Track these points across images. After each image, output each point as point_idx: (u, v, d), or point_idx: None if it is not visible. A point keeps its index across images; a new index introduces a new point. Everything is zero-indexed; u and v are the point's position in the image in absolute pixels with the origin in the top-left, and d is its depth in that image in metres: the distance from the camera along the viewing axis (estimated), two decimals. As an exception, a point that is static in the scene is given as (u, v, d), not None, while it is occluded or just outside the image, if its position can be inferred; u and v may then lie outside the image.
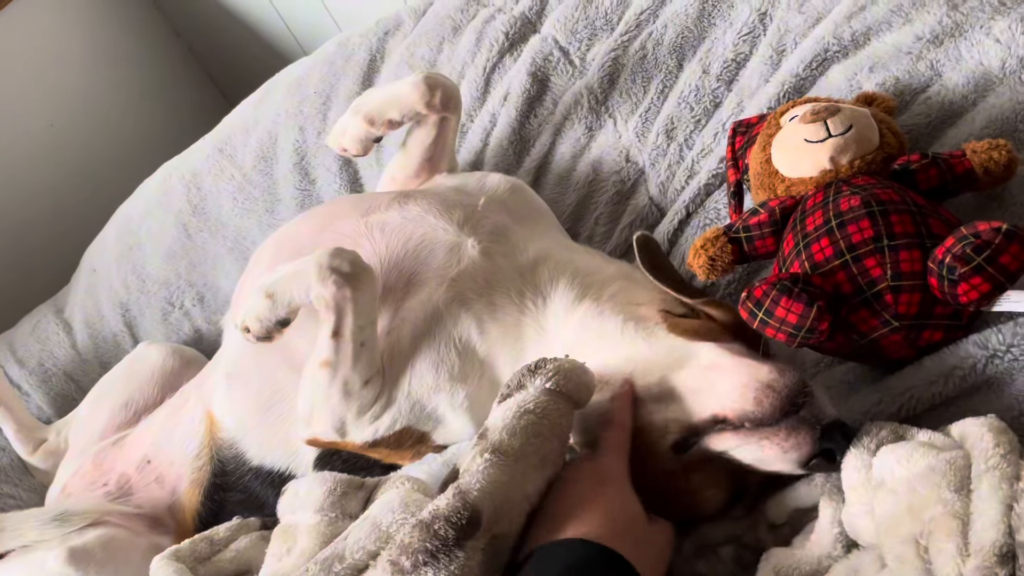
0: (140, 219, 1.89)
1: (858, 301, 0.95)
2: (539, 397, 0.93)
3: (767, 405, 0.89)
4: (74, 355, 1.87)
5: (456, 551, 0.81)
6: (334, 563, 0.90)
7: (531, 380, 0.95)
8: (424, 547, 0.81)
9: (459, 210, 1.29)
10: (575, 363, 0.99)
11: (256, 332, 1.20)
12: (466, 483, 0.85)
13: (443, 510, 0.83)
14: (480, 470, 0.86)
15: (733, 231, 1.10)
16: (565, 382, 0.95)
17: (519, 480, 0.88)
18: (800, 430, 0.89)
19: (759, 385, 0.90)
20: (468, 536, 0.82)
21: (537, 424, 0.91)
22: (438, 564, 0.81)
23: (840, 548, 0.87)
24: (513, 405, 0.92)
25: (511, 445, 0.88)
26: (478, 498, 0.84)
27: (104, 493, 1.53)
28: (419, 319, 1.20)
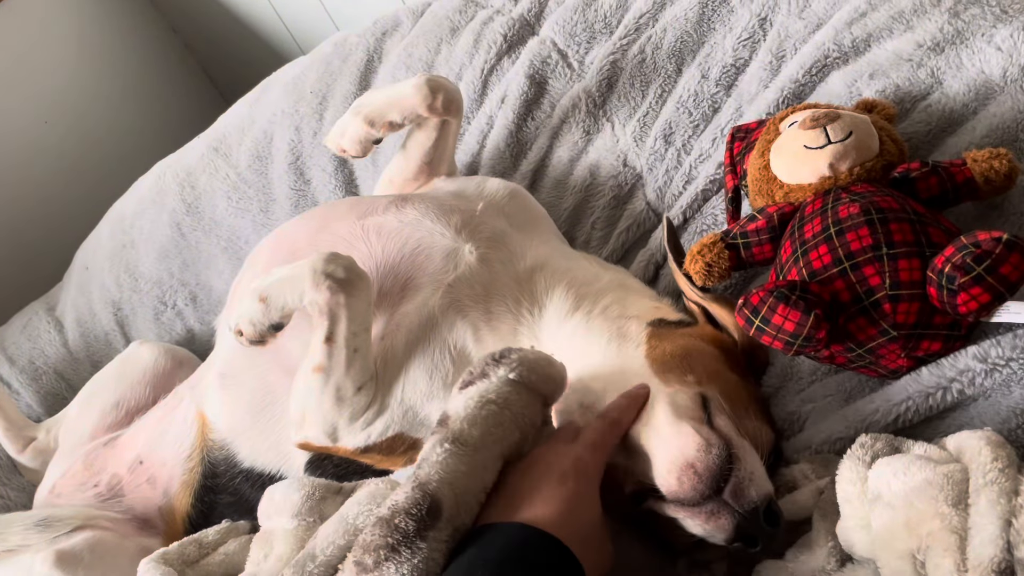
0: (133, 217, 1.87)
1: (856, 310, 0.94)
2: (501, 388, 0.92)
3: (688, 488, 0.88)
4: (65, 353, 1.86)
5: (418, 543, 0.80)
6: (307, 563, 0.90)
7: (495, 370, 0.94)
8: (385, 542, 0.80)
9: (457, 215, 1.28)
10: (540, 354, 0.97)
11: (249, 335, 1.20)
12: (424, 474, 0.84)
13: (402, 503, 0.82)
14: (439, 460, 0.85)
15: (731, 237, 1.09)
16: (529, 373, 0.94)
17: (478, 471, 0.87)
18: (720, 514, 0.89)
19: (683, 464, 0.89)
20: (429, 527, 0.81)
21: (499, 415, 0.90)
22: (400, 558, 0.79)
23: (834, 562, 0.86)
24: (475, 394, 0.91)
25: (471, 435, 0.87)
26: (437, 488, 0.83)
27: (95, 494, 1.52)
28: (414, 325, 1.19)
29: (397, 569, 0.79)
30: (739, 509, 0.88)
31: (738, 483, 0.89)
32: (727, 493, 0.89)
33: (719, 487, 0.89)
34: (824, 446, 1.01)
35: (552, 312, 1.19)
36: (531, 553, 0.79)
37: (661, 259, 1.35)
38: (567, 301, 1.19)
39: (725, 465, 0.89)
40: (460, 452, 0.86)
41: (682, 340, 1.10)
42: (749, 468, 0.91)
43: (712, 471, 0.89)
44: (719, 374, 1.06)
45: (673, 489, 0.90)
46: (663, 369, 1.04)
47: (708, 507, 0.89)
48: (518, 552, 0.79)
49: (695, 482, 0.88)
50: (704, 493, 0.89)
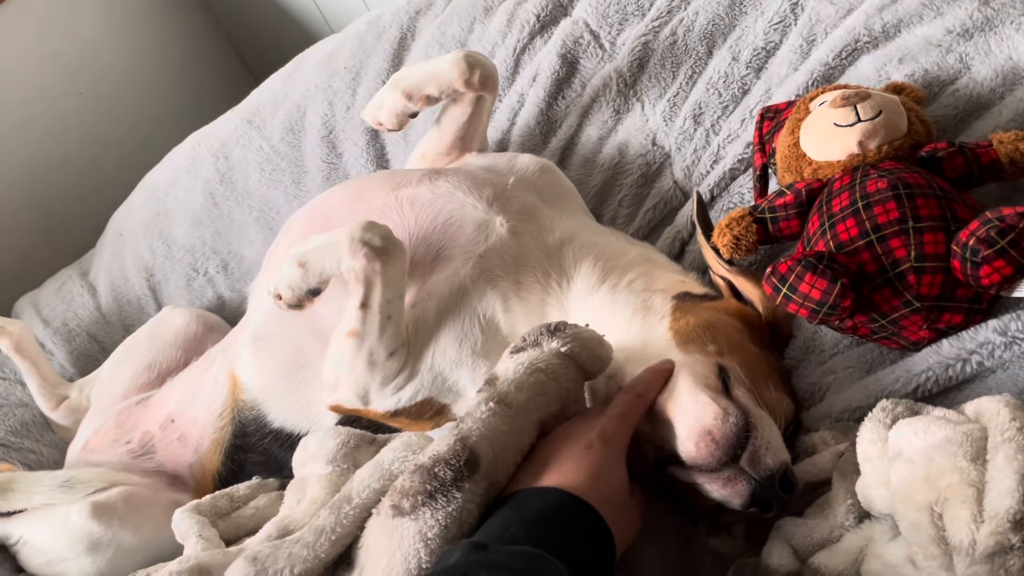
0: (168, 186, 1.91)
1: (881, 281, 0.97)
2: (551, 359, 0.96)
3: (705, 454, 0.92)
4: (98, 316, 1.90)
5: (454, 492, 0.84)
6: (343, 505, 0.93)
7: (548, 340, 0.98)
8: (423, 488, 0.84)
9: (489, 188, 1.31)
10: (594, 334, 1.01)
11: (287, 300, 1.23)
12: (467, 427, 0.88)
13: (442, 453, 0.86)
14: (483, 417, 0.89)
15: (759, 211, 1.12)
16: (580, 350, 0.98)
17: (518, 433, 0.91)
18: (736, 480, 0.92)
19: (701, 431, 0.92)
20: (466, 478, 0.85)
21: (545, 384, 0.94)
22: (435, 504, 0.83)
23: (852, 519, 0.90)
24: (526, 360, 0.95)
25: (516, 399, 0.91)
26: (477, 442, 0.87)
27: (127, 451, 1.57)
28: (445, 294, 1.22)
29: (432, 515, 0.83)
30: (755, 476, 0.92)
31: (754, 451, 0.92)
32: (744, 460, 0.92)
33: (736, 454, 0.92)
34: (844, 415, 1.04)
35: (579, 284, 1.22)
36: (564, 515, 0.83)
37: (687, 236, 1.38)
38: (594, 274, 1.22)
39: (742, 433, 0.93)
40: (503, 413, 0.89)
41: (706, 313, 1.13)
42: (766, 437, 0.94)
43: (729, 439, 0.92)
44: (741, 346, 1.09)
45: (692, 455, 0.93)
46: (685, 340, 1.07)
47: (725, 473, 0.93)
48: (552, 513, 0.83)
49: (712, 448, 0.92)
50: (721, 459, 0.92)
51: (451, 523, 0.83)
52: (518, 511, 0.84)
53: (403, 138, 1.71)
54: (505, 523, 0.82)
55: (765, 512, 0.94)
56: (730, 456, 0.92)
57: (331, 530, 0.93)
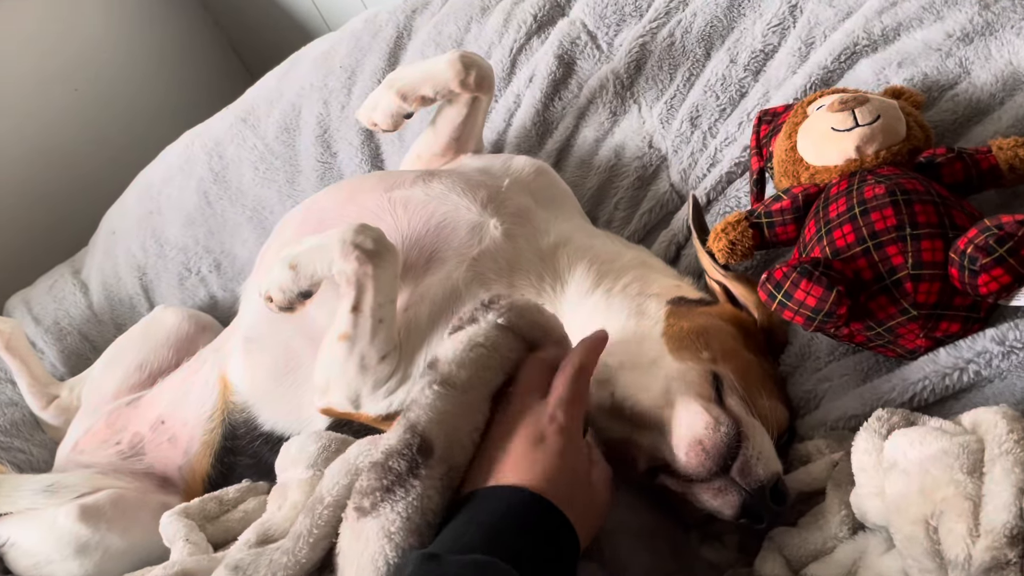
0: (161, 184, 1.90)
1: (877, 288, 0.95)
2: (490, 331, 0.93)
3: (696, 463, 0.91)
4: (90, 315, 1.89)
5: (411, 481, 0.82)
6: (315, 505, 0.92)
7: (484, 314, 0.95)
8: (380, 484, 0.82)
9: (483, 190, 1.30)
10: (529, 302, 0.99)
11: (278, 302, 1.22)
12: (414, 415, 0.86)
13: (393, 445, 0.84)
14: (428, 402, 0.86)
15: (755, 216, 1.11)
16: (517, 319, 0.95)
17: (466, 411, 0.88)
18: (727, 491, 0.92)
19: (692, 440, 0.92)
20: (420, 465, 0.83)
21: (487, 357, 0.91)
22: (394, 497, 0.81)
23: (846, 530, 0.88)
24: (464, 337, 0.92)
25: (459, 376, 0.88)
26: (426, 428, 0.85)
27: (116, 452, 1.56)
28: (438, 297, 1.21)
29: (393, 508, 0.81)
30: (746, 487, 0.91)
31: (745, 461, 0.92)
32: (735, 471, 0.92)
33: (727, 464, 0.92)
34: (839, 423, 1.02)
35: (573, 288, 1.21)
36: (520, 515, 0.80)
37: (683, 240, 1.37)
38: (588, 278, 1.21)
39: (733, 443, 0.92)
40: (448, 393, 0.87)
41: (700, 318, 1.12)
42: (757, 447, 0.93)
43: (719, 449, 0.91)
44: (735, 352, 1.08)
45: (682, 464, 0.93)
46: (679, 346, 1.06)
47: (716, 483, 0.92)
48: (508, 514, 0.80)
49: (703, 459, 0.91)
50: (712, 470, 0.91)
51: (412, 513, 0.81)
52: (474, 514, 0.82)
53: (398, 138, 1.70)
54: (460, 530, 0.80)
55: (756, 523, 0.93)
56: (720, 466, 0.91)
57: (308, 533, 0.91)
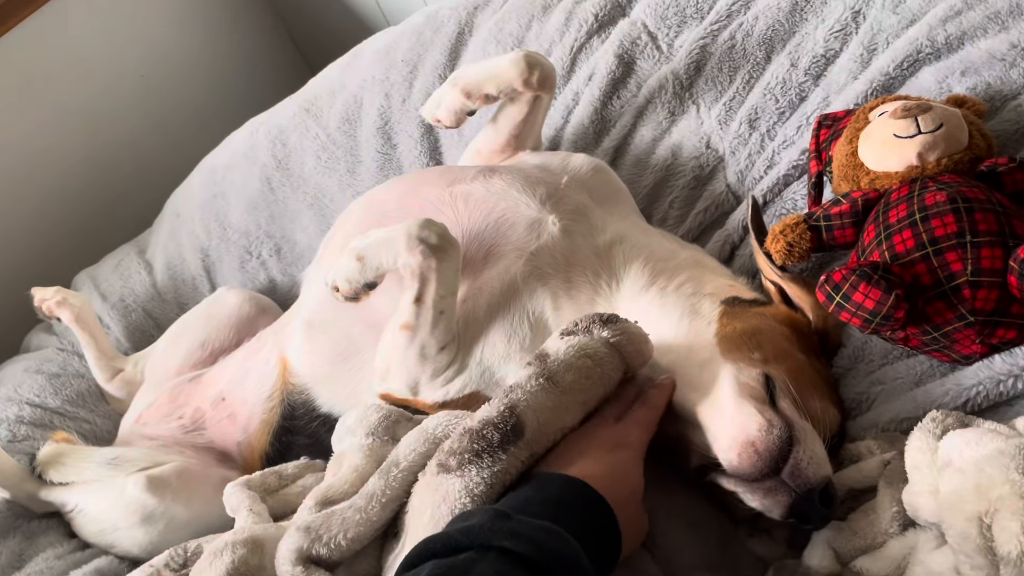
0: (225, 170, 1.95)
1: (935, 293, 0.97)
2: (600, 347, 1.00)
3: (747, 465, 0.94)
4: (154, 293, 1.95)
5: (500, 453, 0.89)
6: (391, 468, 0.98)
7: (599, 329, 1.02)
8: (471, 447, 0.90)
9: (542, 187, 1.33)
10: (640, 330, 1.05)
11: (344, 292, 1.27)
12: (516, 396, 0.93)
13: (491, 416, 0.92)
14: (531, 390, 0.94)
15: (813, 219, 1.13)
16: (627, 343, 1.02)
17: (561, 411, 0.95)
18: (777, 492, 0.94)
19: (744, 441, 0.94)
20: (511, 442, 0.90)
21: (591, 369, 0.98)
22: (481, 463, 0.89)
23: (897, 526, 0.91)
24: (576, 344, 0.99)
25: (564, 378, 0.96)
26: (524, 411, 0.92)
27: (179, 425, 1.61)
28: (496, 290, 1.25)
29: (478, 472, 0.88)
30: (796, 489, 0.94)
31: (796, 464, 0.94)
32: (785, 473, 0.94)
33: (778, 466, 0.94)
34: (891, 425, 1.04)
35: (629, 285, 1.23)
36: (581, 504, 0.86)
37: (737, 240, 1.39)
38: (643, 276, 1.23)
39: (785, 446, 0.94)
40: (550, 389, 0.94)
41: (754, 319, 1.14)
42: (809, 451, 0.95)
43: (772, 451, 0.94)
44: (787, 354, 1.09)
45: (733, 465, 0.95)
46: (731, 347, 1.08)
47: (767, 484, 0.95)
48: (571, 500, 0.86)
49: (754, 460, 0.94)
50: (763, 471, 0.94)
51: (496, 483, 0.88)
52: (540, 491, 0.87)
53: (457, 133, 1.72)
54: (527, 500, 0.86)
55: (803, 524, 0.96)
56: (772, 468, 0.94)
57: (381, 493, 0.97)
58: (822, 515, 0.94)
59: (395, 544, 1.00)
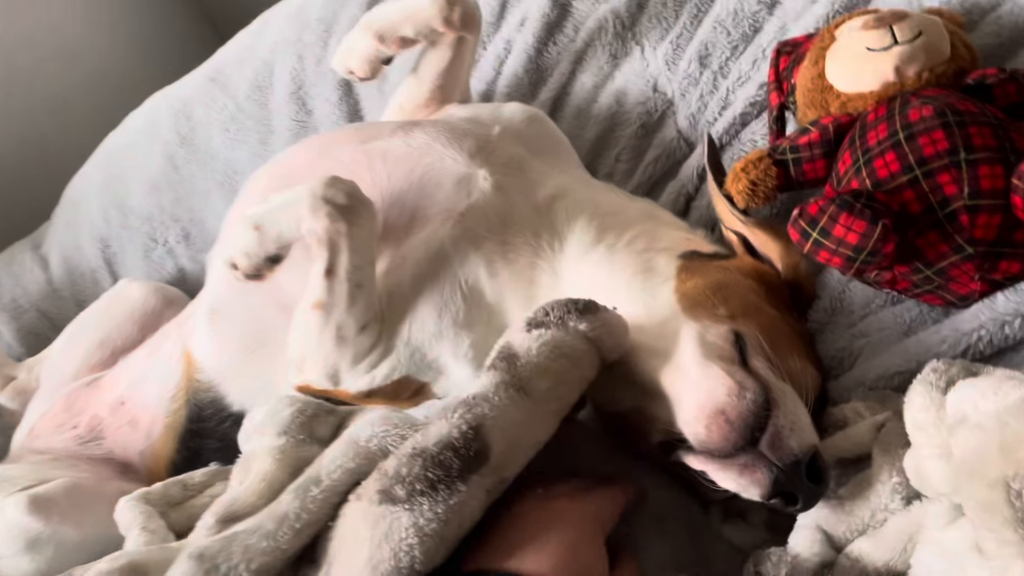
0: (124, 149, 1.78)
1: (927, 223, 0.83)
2: (578, 344, 0.84)
3: (718, 437, 0.79)
4: (49, 291, 1.77)
5: (459, 484, 0.73)
6: (309, 487, 0.81)
7: (576, 321, 0.85)
8: (424, 475, 0.73)
9: (470, 139, 1.18)
10: (622, 321, 0.90)
11: (244, 269, 1.11)
12: (481, 412, 0.77)
13: (450, 437, 0.75)
14: (500, 405, 0.77)
15: (779, 152, 0.98)
16: (608, 337, 0.86)
17: (534, 425, 0.80)
18: (755, 468, 0.79)
19: (712, 410, 0.79)
20: (473, 470, 0.74)
21: (569, 372, 0.82)
22: (436, 496, 0.73)
23: (898, 500, 0.76)
24: (550, 341, 0.83)
25: (538, 387, 0.80)
26: (491, 432, 0.76)
27: (74, 436, 1.45)
28: (422, 258, 1.09)
29: (431, 507, 0.72)
30: (777, 462, 0.78)
31: (776, 433, 0.78)
32: (763, 444, 0.78)
33: (754, 437, 0.79)
34: (880, 382, 0.90)
35: (573, 244, 1.09)
36: None
37: (693, 191, 1.24)
38: (589, 233, 1.09)
39: (761, 412, 0.79)
40: (522, 402, 0.78)
41: (716, 273, 1.00)
42: (790, 416, 0.80)
43: (745, 419, 0.78)
44: (757, 308, 0.95)
45: (701, 438, 0.80)
46: (693, 304, 0.94)
47: (741, 460, 0.79)
48: None
49: (726, 431, 0.78)
50: (736, 443, 0.79)
51: (451, 518, 0.73)
52: None
53: (379, 93, 1.57)
54: None
55: (789, 505, 0.80)
56: (747, 439, 0.78)
57: (295, 517, 0.80)
58: (811, 492, 0.78)
59: (312, 572, 0.83)
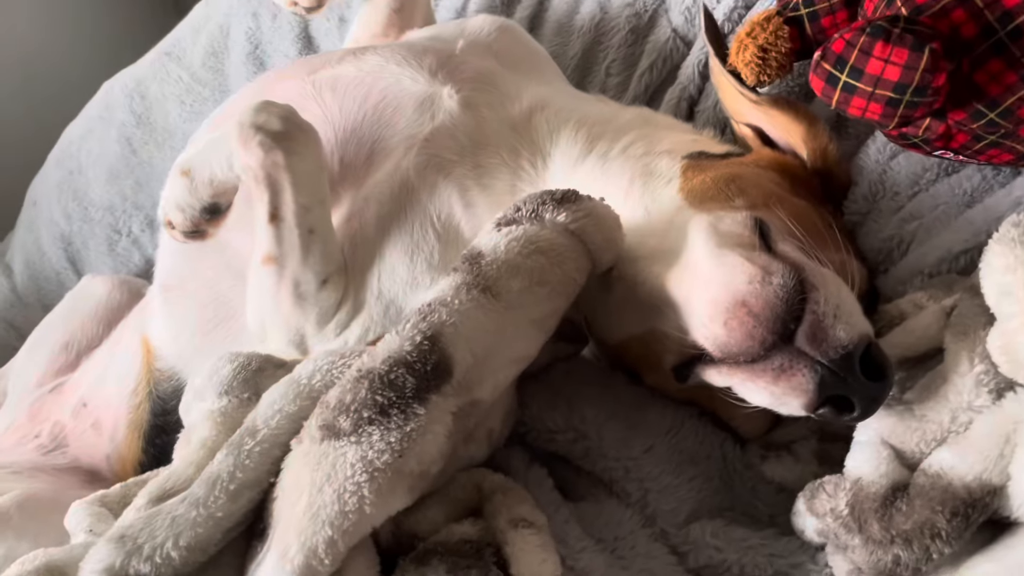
0: (80, 140, 1.64)
1: (986, 48, 0.65)
2: (557, 238, 0.70)
3: (740, 335, 0.63)
4: (14, 299, 1.64)
5: (415, 407, 0.62)
6: (244, 440, 0.68)
7: (552, 212, 0.71)
8: (372, 399, 0.61)
9: (431, 56, 1.01)
10: (610, 211, 0.75)
11: (181, 225, 0.97)
12: (438, 319, 0.64)
13: (401, 351, 0.63)
14: (460, 308, 0.65)
15: (790, 8, 0.81)
16: (594, 229, 0.72)
17: (510, 334, 0.68)
18: (794, 370, 0.62)
19: (731, 302, 0.64)
20: (432, 388, 0.62)
21: (547, 271, 0.69)
22: (388, 422, 0.61)
23: (985, 394, 0.58)
24: (522, 236, 0.69)
25: (508, 287, 0.67)
26: (451, 341, 0.64)
27: (36, 446, 1.31)
28: (385, 196, 0.94)
29: (384, 436, 0.61)
30: (821, 358, 0.61)
31: (816, 321, 0.61)
32: (801, 338, 0.61)
33: (788, 330, 0.61)
34: (941, 266, 0.73)
35: (559, 159, 0.93)
36: None
37: (695, 92, 1.08)
38: (577, 144, 0.92)
39: (794, 298, 0.62)
40: (489, 305, 0.66)
41: (729, 168, 0.84)
42: (832, 300, 0.62)
43: (774, 307, 0.62)
44: (780, 197, 0.79)
45: (721, 340, 0.64)
46: (704, 198, 0.78)
47: (776, 362, 0.62)
48: None
49: (750, 326, 0.62)
50: (765, 340, 0.62)
51: (409, 449, 0.61)
52: None
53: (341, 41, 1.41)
54: None
55: (843, 413, 0.62)
56: (779, 333, 0.61)
57: (229, 476, 0.67)
58: (869, 393, 0.60)
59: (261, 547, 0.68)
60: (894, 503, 0.57)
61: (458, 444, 0.72)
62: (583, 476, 0.79)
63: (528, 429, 0.81)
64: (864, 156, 0.85)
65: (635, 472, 0.76)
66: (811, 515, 0.64)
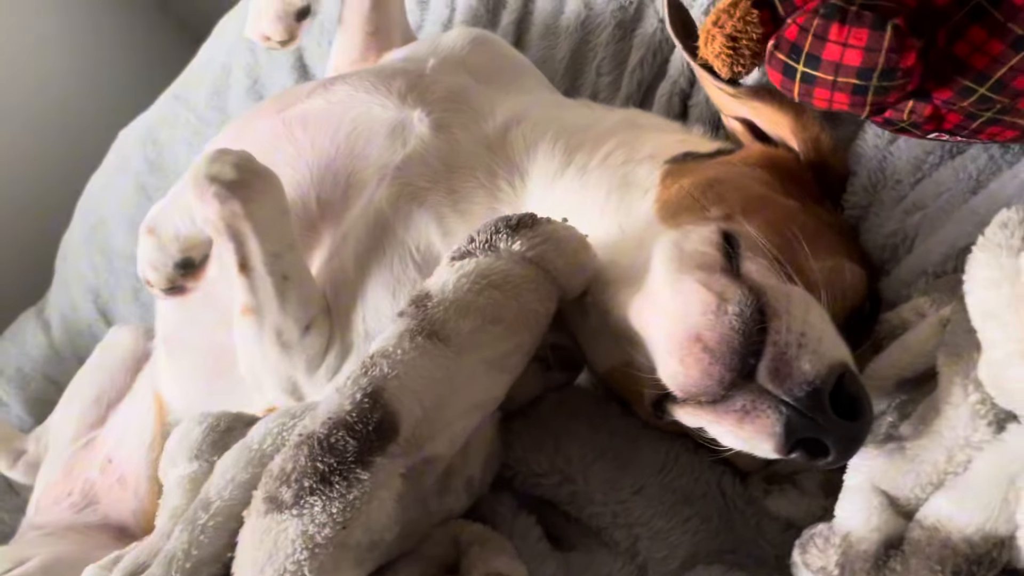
0: (101, 191, 1.67)
1: (964, 15, 0.56)
2: (512, 269, 0.66)
3: (695, 373, 0.57)
4: (51, 354, 1.67)
5: (358, 472, 0.57)
6: (198, 514, 0.65)
7: (507, 241, 0.66)
8: (312, 468, 0.57)
9: (399, 79, 0.96)
10: (573, 232, 0.69)
11: (157, 283, 0.97)
12: (380, 373, 0.60)
13: (341, 411, 0.59)
14: (403, 359, 0.60)
15: (758, -12, 0.72)
16: (555, 255, 0.67)
17: (462, 380, 0.62)
18: (757, 412, 0.55)
19: (686, 336, 0.57)
20: (376, 449, 0.58)
21: (502, 307, 0.64)
22: (330, 491, 0.57)
23: (984, 427, 0.50)
24: (473, 272, 0.64)
25: (457, 329, 0.62)
26: (395, 395, 0.59)
27: (69, 505, 1.32)
28: (361, 233, 0.90)
29: (324, 507, 0.57)
30: (786, 397, 0.53)
31: (778, 353, 0.54)
32: (763, 373, 0.54)
33: (748, 365, 0.55)
34: (947, 263, 0.64)
35: (537, 176, 0.87)
36: None
37: (687, 85, 1.00)
38: (555, 157, 0.86)
39: (752, 328, 0.55)
40: (436, 352, 0.61)
41: (711, 170, 0.77)
42: (796, 325, 0.55)
43: (728, 341, 0.55)
44: (765, 201, 0.72)
45: (680, 380, 0.57)
46: (676, 211, 0.71)
47: (738, 401, 0.55)
48: None
49: (706, 362, 0.56)
50: (724, 378, 0.55)
51: (353, 520, 0.57)
52: None
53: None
54: None
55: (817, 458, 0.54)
56: (736, 369, 0.55)
57: (184, 555, 0.64)
58: (844, 434, 0.52)
59: None
60: (887, 563, 0.49)
61: (430, 498, 0.67)
62: (573, 523, 0.73)
63: (514, 473, 0.76)
64: (862, 142, 0.76)
65: (623, 517, 0.69)
66: (806, 569, 0.56)
